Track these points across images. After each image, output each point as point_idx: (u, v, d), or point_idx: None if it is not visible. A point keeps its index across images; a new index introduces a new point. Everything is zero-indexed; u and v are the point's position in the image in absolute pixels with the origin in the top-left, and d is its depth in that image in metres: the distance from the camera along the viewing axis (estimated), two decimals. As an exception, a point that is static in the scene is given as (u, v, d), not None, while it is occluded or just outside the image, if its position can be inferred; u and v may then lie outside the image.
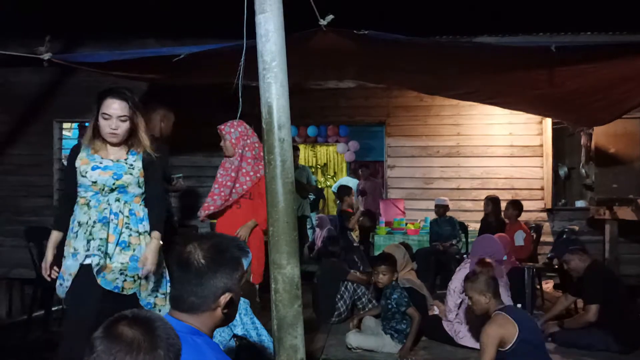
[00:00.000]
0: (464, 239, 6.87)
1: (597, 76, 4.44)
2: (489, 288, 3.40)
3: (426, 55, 4.53)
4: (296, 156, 8.23)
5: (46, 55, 4.15)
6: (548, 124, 7.41)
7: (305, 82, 6.82)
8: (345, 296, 5.03)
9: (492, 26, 6.39)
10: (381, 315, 4.38)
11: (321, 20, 3.32)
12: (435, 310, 4.87)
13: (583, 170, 7.13)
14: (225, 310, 1.70)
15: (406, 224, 7.19)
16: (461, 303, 4.38)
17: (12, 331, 5.48)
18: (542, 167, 7.52)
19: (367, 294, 5.08)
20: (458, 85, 5.41)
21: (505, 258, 5.18)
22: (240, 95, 3.06)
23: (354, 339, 4.18)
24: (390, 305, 4.19)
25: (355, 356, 4.11)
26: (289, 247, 2.75)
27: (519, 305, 4.75)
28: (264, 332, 3.47)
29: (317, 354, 4.07)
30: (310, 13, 3.29)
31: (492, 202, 6.72)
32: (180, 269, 1.69)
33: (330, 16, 3.30)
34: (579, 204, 7.54)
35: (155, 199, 3.12)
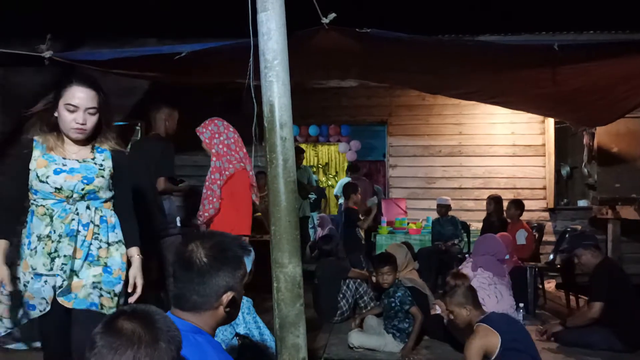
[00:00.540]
0: (465, 239, 6.86)
1: (600, 75, 4.42)
2: (467, 300, 3.34)
3: (428, 54, 4.52)
4: (301, 158, 8.22)
5: (47, 54, 4.14)
6: (550, 123, 7.40)
7: (307, 81, 6.81)
8: (347, 295, 5.02)
9: (495, 25, 6.40)
10: (383, 315, 4.37)
11: (323, 18, 3.31)
12: (438, 310, 4.86)
13: (585, 170, 7.11)
14: (228, 309, 1.69)
15: (408, 224, 7.19)
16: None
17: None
18: (545, 167, 7.52)
19: (369, 292, 5.07)
20: (460, 84, 5.39)
21: (507, 257, 5.18)
22: (252, 94, 2.96)
23: (356, 338, 4.17)
24: (394, 304, 4.18)
25: (357, 355, 4.10)
26: (291, 246, 2.74)
27: (521, 304, 4.75)
28: (267, 331, 3.47)
29: (319, 353, 4.06)
30: (313, 11, 3.28)
31: (495, 202, 6.71)
32: (183, 268, 1.68)
33: (333, 14, 3.28)
34: (582, 203, 7.53)
35: (127, 206, 2.69)
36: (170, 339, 1.32)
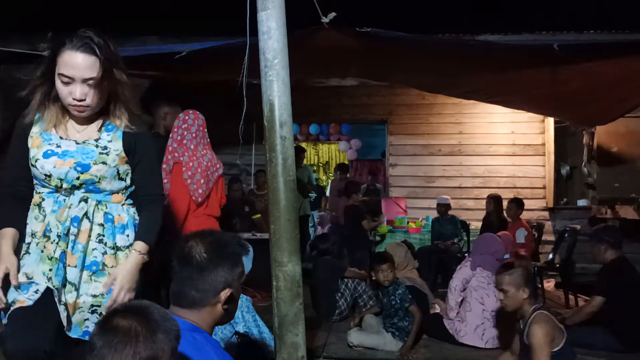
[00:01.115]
0: (465, 238, 6.87)
1: (600, 75, 4.43)
2: (526, 282, 3.10)
3: (428, 53, 4.52)
4: (301, 157, 8.19)
5: (48, 52, 4.14)
6: (550, 122, 7.41)
7: (308, 80, 6.81)
8: (346, 294, 5.02)
9: (495, 24, 6.39)
10: (382, 313, 4.37)
11: (323, 17, 3.32)
12: (437, 309, 4.86)
13: (585, 169, 7.12)
14: (226, 306, 1.70)
15: (408, 223, 7.19)
16: (462, 301, 4.37)
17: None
18: (544, 166, 7.52)
19: (368, 291, 5.07)
20: (460, 83, 5.40)
21: (507, 256, 5.17)
22: (244, 93, 2.98)
23: (355, 337, 4.17)
24: (394, 302, 4.18)
25: (356, 354, 4.10)
26: (290, 245, 2.75)
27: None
28: (266, 330, 3.48)
29: (318, 352, 4.06)
30: (313, 11, 3.28)
31: (494, 201, 6.71)
32: (182, 264, 1.69)
33: (333, 13, 3.29)
34: (581, 203, 7.53)
35: (147, 196, 2.14)
36: (167, 330, 1.33)
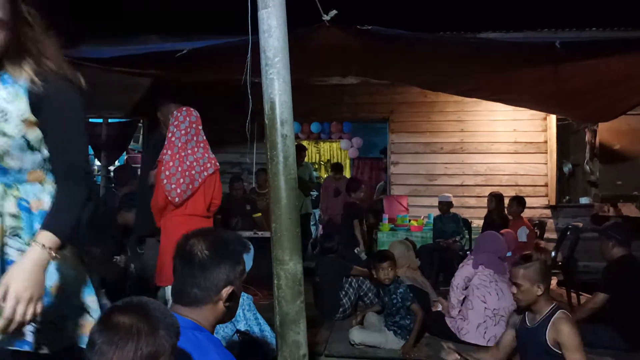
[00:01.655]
0: (467, 236, 6.86)
1: (602, 73, 4.42)
2: (543, 278, 2.95)
3: (430, 51, 4.52)
4: (302, 156, 8.19)
5: None
6: (552, 120, 7.39)
7: (309, 79, 6.80)
8: (349, 292, 5.02)
9: (497, 22, 6.37)
10: (384, 312, 4.37)
11: (324, 15, 3.30)
12: (439, 307, 4.86)
13: (587, 167, 7.10)
14: (228, 304, 1.71)
15: (409, 221, 7.18)
16: (464, 299, 4.37)
17: None
18: (547, 164, 7.51)
19: (372, 290, 5.07)
20: (462, 81, 5.39)
21: (509, 254, 5.17)
22: (249, 90, 2.96)
23: (357, 335, 4.17)
24: (396, 300, 4.18)
25: (358, 352, 4.10)
26: (292, 244, 2.75)
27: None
28: (267, 328, 3.48)
29: (320, 350, 4.06)
30: (314, 9, 3.27)
31: (496, 199, 6.70)
32: (184, 262, 1.70)
33: (334, 11, 3.28)
34: (583, 200, 7.52)
35: (66, 170, 1.59)
36: (168, 326, 1.33)
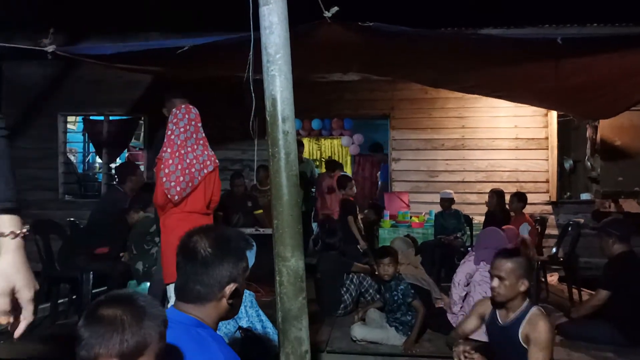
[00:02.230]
0: (468, 232, 6.86)
1: (604, 69, 4.41)
2: (529, 275, 2.88)
3: (431, 47, 4.51)
4: (300, 152, 8.17)
5: (50, 48, 4.15)
6: (553, 116, 7.39)
7: (310, 75, 6.80)
8: (351, 289, 5.03)
9: (498, 18, 6.36)
10: (385, 308, 4.38)
11: (326, 12, 3.30)
12: (440, 303, 4.87)
13: (588, 163, 7.10)
14: (231, 301, 1.71)
15: (411, 217, 7.19)
16: (466, 296, 4.37)
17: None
18: (548, 160, 7.51)
19: (374, 286, 5.07)
20: (463, 78, 5.38)
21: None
22: (252, 88, 2.95)
23: (358, 331, 4.18)
24: (397, 297, 4.18)
25: (360, 348, 4.11)
26: (293, 240, 2.75)
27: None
28: (269, 324, 3.49)
29: (322, 346, 4.07)
30: (315, 5, 3.27)
31: (497, 195, 6.69)
32: (187, 259, 1.69)
33: (335, 8, 3.28)
34: (584, 196, 7.51)
35: None
36: (154, 315, 1.34)
